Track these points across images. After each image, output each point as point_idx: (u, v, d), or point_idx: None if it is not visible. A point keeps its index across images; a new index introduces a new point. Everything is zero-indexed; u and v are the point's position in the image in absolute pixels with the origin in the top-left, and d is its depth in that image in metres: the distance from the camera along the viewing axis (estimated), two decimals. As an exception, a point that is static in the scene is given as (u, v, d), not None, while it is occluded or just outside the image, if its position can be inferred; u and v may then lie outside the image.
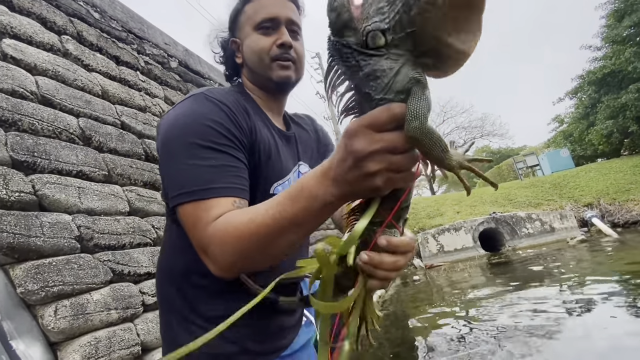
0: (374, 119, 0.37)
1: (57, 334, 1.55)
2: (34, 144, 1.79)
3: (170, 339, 0.70)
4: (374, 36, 0.35)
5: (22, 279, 1.50)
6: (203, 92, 0.64)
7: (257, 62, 0.71)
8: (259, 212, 0.50)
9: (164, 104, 3.04)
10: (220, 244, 0.51)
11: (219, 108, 0.61)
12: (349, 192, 0.42)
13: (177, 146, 0.58)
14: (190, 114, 0.60)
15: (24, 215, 1.59)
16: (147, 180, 2.45)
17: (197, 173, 0.56)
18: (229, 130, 0.60)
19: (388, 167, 0.38)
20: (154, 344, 1.91)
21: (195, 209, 0.55)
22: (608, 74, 13.27)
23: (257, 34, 0.71)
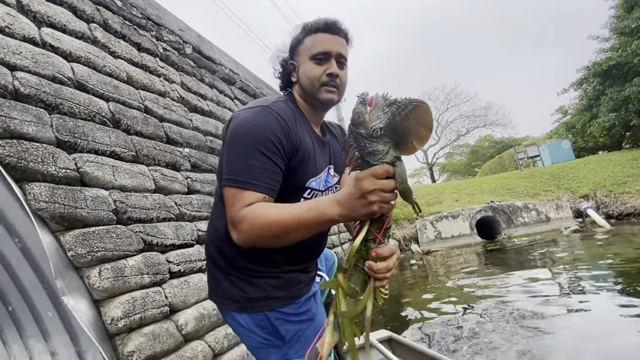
0: (375, 170, 0.63)
1: (101, 292, 1.79)
2: (74, 126, 1.99)
3: (216, 286, 0.92)
4: (375, 131, 0.62)
5: (72, 244, 1.73)
6: (269, 106, 0.83)
7: (309, 85, 0.90)
8: (283, 211, 0.71)
9: (180, 89, 3.21)
10: (249, 225, 0.72)
11: (277, 122, 0.80)
12: (350, 213, 0.66)
13: (239, 143, 0.78)
14: (255, 122, 0.80)
15: (70, 189, 1.81)
16: (169, 161, 2.65)
17: (246, 168, 0.76)
18: (279, 141, 0.79)
19: (381, 200, 0.63)
20: (180, 306, 2.16)
21: (236, 193, 0.75)
22: (614, 66, 13.20)
23: (312, 63, 0.89)
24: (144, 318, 1.90)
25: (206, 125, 3.32)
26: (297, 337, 0.85)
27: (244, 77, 4.57)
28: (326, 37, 0.88)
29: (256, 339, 0.86)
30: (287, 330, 0.85)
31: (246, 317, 0.86)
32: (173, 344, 1.98)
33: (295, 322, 0.86)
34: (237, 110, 0.87)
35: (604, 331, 2.85)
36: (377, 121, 0.60)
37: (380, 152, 0.62)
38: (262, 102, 0.86)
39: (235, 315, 0.87)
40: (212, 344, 2.24)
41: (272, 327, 0.85)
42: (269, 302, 0.86)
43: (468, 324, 3.50)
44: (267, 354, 0.87)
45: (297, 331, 0.86)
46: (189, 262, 2.37)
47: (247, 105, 0.88)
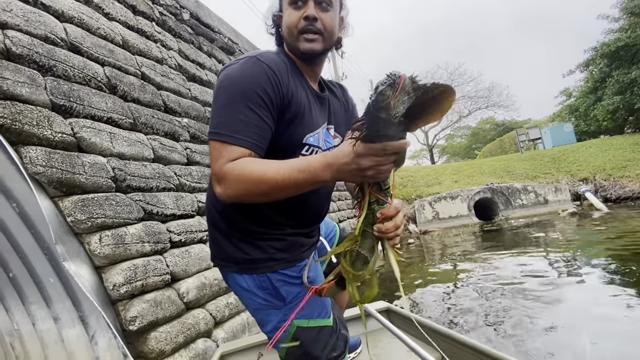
0: (375, 150, 0.60)
1: (102, 258, 1.78)
2: (69, 90, 1.91)
3: (218, 249, 0.91)
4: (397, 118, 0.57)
5: (71, 210, 1.70)
6: (256, 56, 0.77)
7: (288, 34, 0.84)
8: (272, 168, 0.68)
9: (178, 56, 3.10)
10: (235, 179, 0.69)
11: (265, 73, 0.75)
12: (342, 178, 0.66)
13: (224, 96, 0.74)
14: (240, 74, 0.75)
15: (67, 154, 1.76)
16: (168, 130, 2.59)
17: (230, 121, 0.72)
18: (266, 94, 0.74)
19: (377, 172, 0.63)
20: (181, 275, 2.17)
21: (220, 147, 0.71)
22: (622, 47, 12.89)
23: (290, 9, 0.82)
24: (146, 285, 1.91)
25: (205, 95, 3.23)
26: (298, 298, 0.85)
27: (244, 47, 4.42)
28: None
29: (257, 300, 0.86)
30: (288, 291, 0.85)
31: (248, 278, 0.85)
32: (175, 311, 2.00)
33: (297, 285, 0.86)
34: (226, 64, 0.82)
35: (595, 307, 2.91)
36: (400, 107, 0.55)
37: (390, 136, 0.59)
38: (250, 54, 0.80)
39: (236, 277, 0.87)
40: (214, 312, 2.27)
41: (274, 289, 0.84)
42: (270, 264, 0.85)
43: (462, 300, 3.57)
44: (268, 314, 0.86)
45: (298, 293, 0.85)
46: (189, 233, 2.36)
47: (236, 59, 0.82)
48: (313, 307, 0.86)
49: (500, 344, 2.49)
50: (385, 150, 0.60)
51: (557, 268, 4.20)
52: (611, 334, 2.44)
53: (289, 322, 0.82)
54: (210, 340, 2.17)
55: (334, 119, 0.96)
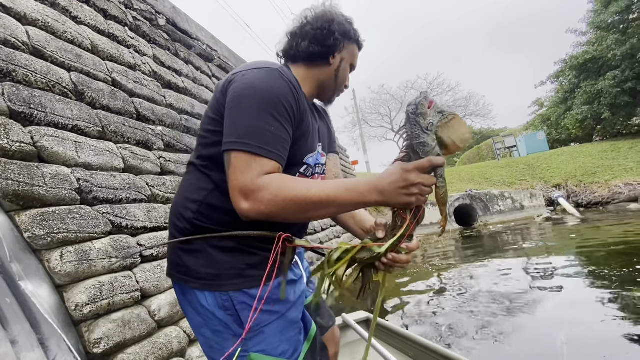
0: (422, 164, 0.66)
1: (64, 276, 1.66)
2: (30, 96, 1.80)
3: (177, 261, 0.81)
4: (431, 124, 0.70)
5: (28, 225, 1.58)
6: (278, 69, 0.77)
7: (338, 85, 0.94)
8: (315, 185, 0.68)
9: (153, 63, 3.00)
10: (272, 195, 0.65)
11: (289, 88, 0.75)
12: (388, 201, 0.68)
13: (249, 104, 0.70)
14: (267, 83, 0.73)
15: (26, 165, 1.64)
16: (140, 139, 2.49)
17: (259, 132, 0.68)
18: (291, 108, 0.74)
19: (420, 192, 0.67)
20: (152, 291, 2.06)
21: (249, 159, 0.67)
22: (589, 60, 13.65)
23: (348, 67, 0.94)
24: (113, 304, 1.79)
25: (181, 102, 3.14)
26: (259, 329, 0.75)
27: (223, 55, 4.36)
28: (357, 53, 0.96)
29: (215, 322, 0.76)
30: (247, 318, 0.75)
31: (209, 295, 0.76)
32: (145, 330, 1.88)
33: (262, 311, 0.75)
34: (238, 71, 0.77)
35: (569, 306, 2.98)
36: (431, 118, 0.69)
37: (430, 145, 0.68)
38: (268, 64, 0.78)
39: (197, 294, 0.77)
40: (188, 329, 2.16)
41: (235, 311, 0.75)
42: (238, 281, 0.76)
43: (441, 304, 3.58)
44: (223, 341, 0.76)
45: (260, 322, 0.75)
46: (162, 246, 2.26)
47: (247, 65, 0.78)
48: (278, 342, 0.75)
49: (476, 350, 2.49)
50: (431, 164, 0.65)
51: (534, 272, 4.30)
52: (585, 335, 2.49)
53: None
54: (183, 359, 2.05)
55: (322, 139, 0.97)
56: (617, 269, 3.82)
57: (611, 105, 12.77)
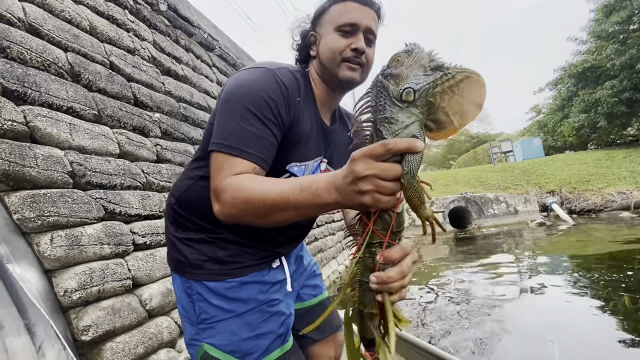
0: (372, 150, 0.48)
1: (53, 261, 1.61)
2: (24, 74, 1.74)
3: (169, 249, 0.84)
4: (407, 92, 0.48)
5: (18, 206, 1.53)
6: (273, 69, 0.73)
7: (329, 58, 0.78)
8: (272, 186, 0.59)
9: (152, 48, 2.94)
10: (232, 196, 0.62)
11: (279, 89, 0.71)
12: (344, 201, 0.52)
13: (235, 105, 0.68)
14: (255, 84, 0.70)
15: (17, 145, 1.59)
16: (137, 125, 2.43)
17: (239, 133, 0.66)
18: (278, 110, 0.70)
19: (376, 189, 0.48)
20: (144, 280, 2.02)
21: (224, 159, 0.65)
22: (588, 69, 13.74)
23: (336, 34, 0.77)
24: (103, 291, 1.75)
25: (180, 90, 3.08)
26: (210, 323, 0.75)
27: (224, 45, 4.29)
28: (356, 7, 0.77)
29: (180, 304, 0.81)
30: (201, 308, 0.76)
31: (177, 278, 0.81)
32: (135, 319, 1.85)
33: (213, 306, 0.75)
34: (237, 71, 0.77)
35: (555, 310, 3.00)
36: (413, 80, 0.47)
37: (399, 122, 0.48)
38: (267, 64, 0.75)
39: (173, 275, 0.84)
40: (179, 320, 2.12)
41: (191, 300, 0.77)
42: (198, 272, 0.77)
43: (434, 305, 3.59)
44: (185, 325, 0.81)
45: (212, 316, 0.75)
46: (156, 235, 2.21)
47: (248, 65, 0.78)
48: (227, 340, 0.74)
49: (468, 351, 2.49)
50: (387, 148, 0.46)
51: (524, 275, 4.32)
52: (574, 339, 2.50)
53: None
54: (174, 350, 2.02)
55: (334, 152, 0.89)
56: (607, 275, 3.85)
57: (608, 114, 12.89)
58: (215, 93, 3.71)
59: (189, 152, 2.92)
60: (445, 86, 0.47)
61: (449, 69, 0.47)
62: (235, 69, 4.46)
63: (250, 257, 0.81)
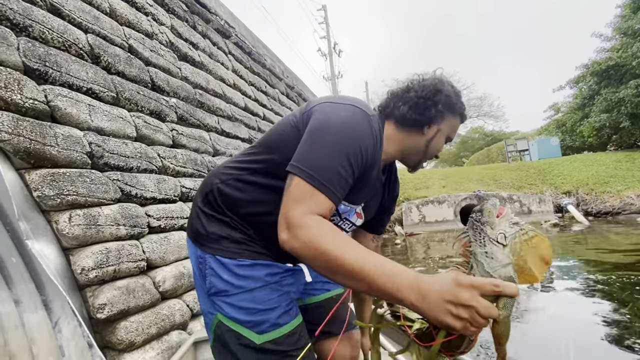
0: (482, 286, 0.51)
1: (71, 239, 1.64)
2: (45, 54, 1.75)
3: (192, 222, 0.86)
4: (502, 236, 0.57)
5: (38, 184, 1.55)
6: (370, 116, 0.76)
7: (430, 155, 0.88)
8: (355, 252, 0.59)
9: (170, 33, 2.94)
10: (309, 239, 0.61)
11: (373, 139, 0.74)
12: (424, 309, 0.53)
13: (331, 140, 0.69)
14: (356, 128, 0.72)
15: (38, 123, 1.60)
16: (154, 109, 2.44)
17: (329, 169, 0.67)
18: (366, 158, 0.73)
19: (469, 319, 0.50)
20: (158, 263, 2.04)
21: (308, 191, 0.65)
22: (612, 67, 13.22)
23: (442, 138, 0.87)
24: (118, 271, 1.77)
25: (196, 76, 3.07)
26: (220, 296, 0.78)
27: (240, 33, 4.26)
28: (458, 125, 0.89)
29: (195, 275, 0.84)
30: (211, 283, 0.79)
31: (193, 248, 0.83)
32: (149, 300, 1.87)
33: (223, 280, 0.78)
34: (326, 100, 0.77)
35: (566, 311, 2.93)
36: (503, 228, 0.57)
37: (498, 260, 0.55)
38: (363, 105, 0.77)
39: (188, 242, 0.86)
40: (191, 303, 2.14)
41: (203, 274, 0.81)
42: (215, 246, 0.79)
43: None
44: (200, 293, 0.84)
45: (223, 291, 0.78)
46: (170, 218, 2.23)
47: (338, 99, 0.77)
48: (238, 310, 0.77)
49: (478, 351, 2.45)
50: (496, 290, 0.50)
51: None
52: (588, 342, 2.44)
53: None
54: (185, 332, 2.05)
55: (373, 198, 0.92)
56: (624, 277, 3.74)
57: (631, 114, 12.41)
58: (230, 81, 3.70)
59: (204, 138, 2.92)
60: (524, 238, 0.56)
61: (524, 226, 0.57)
62: (251, 57, 4.44)
63: (266, 253, 0.83)
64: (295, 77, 6.40)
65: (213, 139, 3.05)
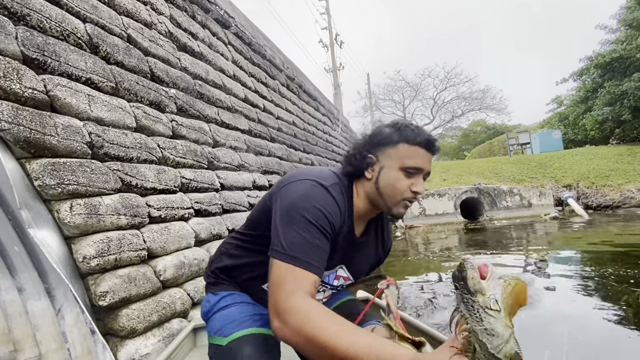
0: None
1: (73, 228, 1.66)
2: (44, 43, 1.74)
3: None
4: (494, 302, 0.51)
5: (39, 173, 1.56)
6: (327, 188, 0.78)
7: (389, 194, 0.82)
8: (345, 336, 0.58)
9: (169, 23, 2.91)
10: (298, 325, 0.61)
11: (336, 205, 0.77)
12: None
13: (296, 216, 0.72)
14: (314, 197, 0.75)
15: (38, 113, 1.61)
16: (153, 99, 2.44)
17: (301, 243, 0.69)
18: (332, 223, 0.75)
19: None
20: (159, 252, 2.06)
21: (288, 271, 0.67)
22: (616, 59, 13.07)
23: (401, 174, 0.81)
24: (120, 259, 1.79)
25: (196, 67, 3.06)
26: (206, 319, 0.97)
27: (240, 23, 4.23)
28: (422, 153, 0.82)
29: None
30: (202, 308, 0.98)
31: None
32: (150, 289, 1.90)
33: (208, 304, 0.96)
34: (289, 181, 0.81)
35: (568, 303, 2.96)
36: (492, 291, 0.52)
37: (500, 336, 0.50)
38: (319, 178, 0.80)
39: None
40: (192, 292, 2.18)
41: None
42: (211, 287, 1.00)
43: (440, 293, 3.58)
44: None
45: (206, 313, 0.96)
46: (170, 209, 2.25)
47: (297, 174, 0.82)
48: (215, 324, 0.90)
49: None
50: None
51: (536, 269, 4.26)
52: (585, 333, 2.47)
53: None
54: (186, 320, 2.08)
55: (355, 257, 0.92)
56: (622, 270, 3.76)
57: (634, 108, 12.32)
58: (230, 72, 3.68)
59: (204, 129, 2.92)
60: (508, 291, 0.52)
61: (506, 277, 0.53)
62: (251, 47, 4.41)
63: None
64: (296, 69, 6.36)
65: (213, 130, 3.05)
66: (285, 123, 4.96)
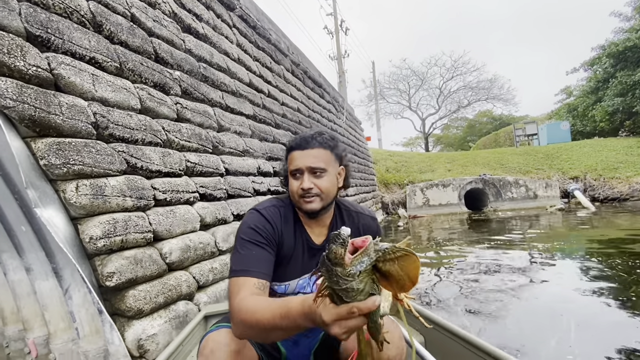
0: (339, 315, 0.57)
1: (79, 208, 1.65)
2: (47, 20, 1.70)
3: None
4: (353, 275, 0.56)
5: (44, 152, 1.55)
6: (259, 210, 0.96)
7: (292, 198, 1.00)
8: (263, 311, 0.71)
9: (173, 3, 2.85)
10: (241, 318, 0.75)
11: (264, 220, 0.94)
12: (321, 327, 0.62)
13: (238, 239, 0.91)
14: (249, 221, 0.94)
15: (42, 91, 1.58)
16: (157, 81, 2.40)
17: (240, 258, 0.87)
18: (267, 234, 0.92)
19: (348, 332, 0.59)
20: (164, 235, 2.06)
21: (233, 283, 0.83)
22: (629, 48, 12.73)
23: (291, 179, 0.99)
24: (126, 241, 1.79)
25: (200, 49, 3.01)
26: None
27: (245, 5, 4.13)
28: (297, 155, 0.97)
29: None
30: None
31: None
32: (156, 271, 1.90)
33: None
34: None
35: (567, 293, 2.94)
36: (358, 266, 0.56)
37: (355, 290, 0.57)
38: (257, 206, 0.99)
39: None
40: (197, 275, 2.18)
41: None
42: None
43: (441, 283, 3.58)
44: None
45: None
46: (176, 192, 2.24)
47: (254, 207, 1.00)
48: None
49: (480, 329, 2.49)
50: (352, 313, 0.57)
51: (540, 259, 4.24)
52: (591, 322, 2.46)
53: None
54: (192, 303, 2.09)
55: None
56: (630, 261, 3.73)
57: (645, 98, 12.06)
58: (235, 55, 3.61)
59: (209, 113, 2.89)
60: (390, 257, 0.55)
61: (389, 248, 0.55)
62: (256, 31, 4.32)
63: None
64: (301, 54, 6.25)
65: (217, 114, 3.02)
66: (290, 109, 4.90)
